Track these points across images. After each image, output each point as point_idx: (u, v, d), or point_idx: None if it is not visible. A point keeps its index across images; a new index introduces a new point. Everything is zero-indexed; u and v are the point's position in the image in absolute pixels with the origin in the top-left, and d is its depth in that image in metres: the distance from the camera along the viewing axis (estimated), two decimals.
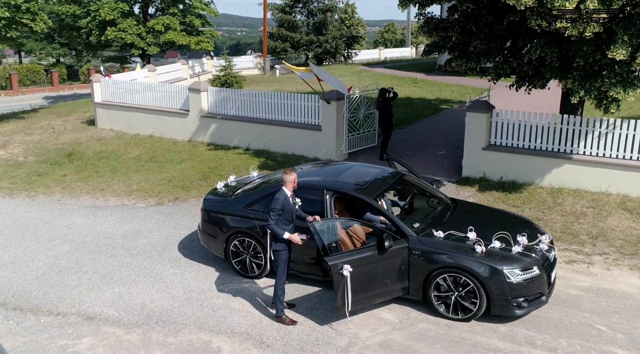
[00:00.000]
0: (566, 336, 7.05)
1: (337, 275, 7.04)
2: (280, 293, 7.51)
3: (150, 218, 11.67)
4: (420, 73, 32.42)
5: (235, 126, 16.41)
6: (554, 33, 10.13)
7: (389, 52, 54.51)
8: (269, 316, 7.77)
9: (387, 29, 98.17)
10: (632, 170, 11.09)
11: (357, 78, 30.34)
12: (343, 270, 7.04)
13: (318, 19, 40.96)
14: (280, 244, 7.32)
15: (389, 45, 74.67)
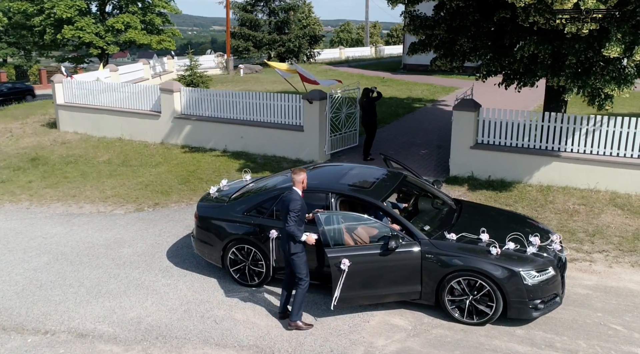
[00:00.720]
0: (584, 337, 6.96)
1: (335, 268, 7.04)
2: (303, 299, 7.22)
3: (131, 225, 11.11)
4: (386, 72, 32.44)
5: (211, 127, 15.90)
6: (546, 30, 10.11)
7: (349, 52, 54.53)
8: (276, 327, 7.42)
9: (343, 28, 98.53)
10: (619, 167, 11.19)
11: (324, 78, 30.07)
12: (341, 264, 6.99)
13: (280, 17, 40.52)
14: (299, 246, 7.06)
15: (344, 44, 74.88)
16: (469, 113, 12.21)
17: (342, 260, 7.06)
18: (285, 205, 6.99)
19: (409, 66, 33.00)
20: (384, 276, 7.30)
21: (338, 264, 7.07)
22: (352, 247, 7.27)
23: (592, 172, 11.37)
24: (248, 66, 35.91)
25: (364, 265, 7.20)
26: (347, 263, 7.05)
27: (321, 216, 7.23)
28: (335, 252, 7.13)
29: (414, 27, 12.01)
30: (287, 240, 7.04)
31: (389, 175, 8.55)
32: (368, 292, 7.34)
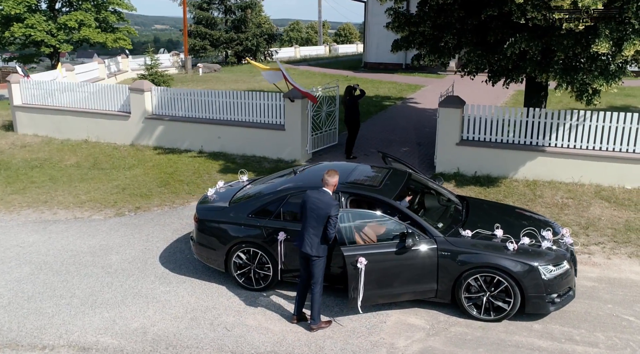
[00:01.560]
0: (601, 330, 7.04)
1: (351, 267, 6.94)
2: (320, 301, 7.09)
3: (114, 231, 10.63)
4: (348, 70, 32.43)
5: (185, 128, 15.44)
6: (535, 27, 10.23)
7: (304, 51, 54.46)
8: (291, 331, 7.20)
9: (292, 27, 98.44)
10: (602, 160, 11.48)
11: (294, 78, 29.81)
12: (358, 263, 6.89)
13: (237, 16, 39.93)
14: (325, 249, 6.94)
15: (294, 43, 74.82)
16: (454, 110, 12.26)
17: (359, 258, 6.95)
18: (319, 207, 6.76)
19: (370, 64, 33.13)
20: (399, 274, 7.21)
21: (354, 263, 6.96)
22: (367, 245, 7.17)
23: (577, 166, 11.61)
24: (207, 65, 35.24)
25: (380, 263, 7.10)
26: (363, 261, 6.95)
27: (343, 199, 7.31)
28: (351, 250, 7.02)
29: (399, 24, 11.96)
30: (311, 243, 6.81)
31: (394, 173, 8.45)
32: (384, 291, 7.24)
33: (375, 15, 32.20)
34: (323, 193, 6.85)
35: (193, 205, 11.72)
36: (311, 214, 6.82)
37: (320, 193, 6.89)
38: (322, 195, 6.86)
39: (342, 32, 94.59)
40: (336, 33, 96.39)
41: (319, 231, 6.81)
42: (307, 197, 6.94)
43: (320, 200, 6.80)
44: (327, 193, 6.85)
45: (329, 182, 6.92)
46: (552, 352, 6.64)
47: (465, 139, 12.46)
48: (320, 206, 6.78)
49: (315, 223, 6.79)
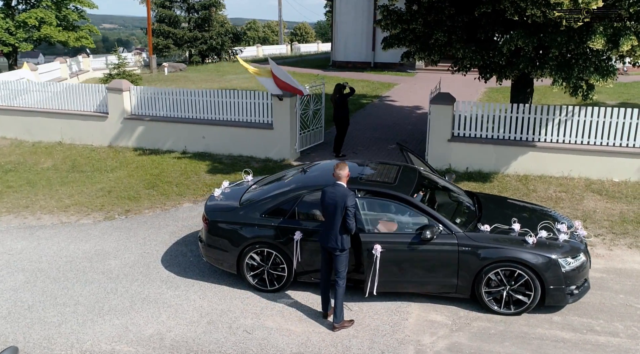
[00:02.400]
0: (618, 319, 7.20)
1: (366, 253, 7.14)
2: (342, 298, 7.04)
3: (107, 235, 10.27)
4: (316, 69, 32.33)
5: (167, 128, 15.08)
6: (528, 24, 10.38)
7: (267, 50, 54.20)
8: (314, 332, 7.09)
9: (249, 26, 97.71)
10: (590, 154, 11.78)
11: None
12: (373, 250, 7.04)
13: (201, 14, 39.33)
14: (348, 241, 6.91)
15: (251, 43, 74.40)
16: (446, 107, 12.36)
17: (375, 245, 7.09)
18: (335, 200, 6.73)
19: (338, 63, 33.13)
20: (418, 267, 7.30)
21: (370, 249, 7.11)
22: (385, 233, 7.33)
23: (566, 160, 11.88)
24: (172, 64, 34.59)
25: (398, 252, 7.21)
26: (379, 248, 7.08)
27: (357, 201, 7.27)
28: (369, 237, 7.18)
29: (390, 22, 11.95)
30: (336, 237, 6.78)
31: (405, 169, 8.44)
32: (401, 282, 7.40)
33: (342, 14, 32.28)
34: (337, 186, 6.84)
35: (186, 207, 11.47)
36: (329, 208, 6.81)
37: (335, 187, 6.88)
38: (337, 188, 6.84)
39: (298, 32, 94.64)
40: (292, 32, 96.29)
41: (339, 224, 6.79)
42: (323, 193, 6.93)
43: (335, 193, 6.79)
44: (341, 185, 6.84)
45: (342, 175, 6.90)
46: (576, 343, 6.74)
47: (456, 135, 12.57)
48: (336, 200, 6.76)
49: (334, 217, 6.76)
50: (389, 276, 7.33)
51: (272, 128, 13.83)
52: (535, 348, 6.66)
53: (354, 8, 31.68)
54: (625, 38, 9.48)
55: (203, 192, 12.15)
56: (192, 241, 9.87)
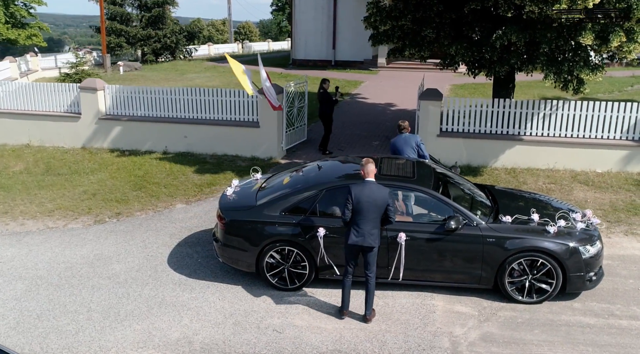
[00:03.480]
0: (635, 304, 7.50)
1: (392, 241, 7.28)
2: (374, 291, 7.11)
3: (103, 239, 9.92)
4: (277, 68, 32.14)
5: (146, 128, 14.66)
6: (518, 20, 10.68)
7: (217, 48, 53.75)
8: (345, 329, 7.06)
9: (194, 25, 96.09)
10: (574, 147, 12.23)
11: (219, 75, 29.21)
12: (398, 238, 7.21)
13: (155, 12, 38.35)
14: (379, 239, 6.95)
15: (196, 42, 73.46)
16: (434, 103, 12.54)
17: (399, 233, 7.20)
18: (374, 199, 6.74)
19: (298, 61, 33.08)
20: (442, 258, 7.42)
21: (395, 237, 7.22)
22: (410, 222, 7.48)
23: (551, 153, 12.28)
24: (126, 63, 33.62)
25: (422, 242, 7.35)
26: (403, 236, 7.20)
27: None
28: (394, 226, 7.23)
29: (380, 18, 12.01)
30: (373, 235, 6.80)
31: (419, 164, 8.53)
32: (426, 272, 7.54)
33: (302, 13, 32.26)
34: (371, 184, 6.84)
35: (179, 208, 11.21)
36: (368, 207, 6.74)
37: (368, 184, 6.86)
38: (372, 186, 6.83)
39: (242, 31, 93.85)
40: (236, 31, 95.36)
41: (378, 222, 6.82)
42: (358, 191, 6.80)
43: (373, 192, 6.77)
44: (373, 182, 6.86)
45: (372, 170, 6.91)
46: (601, 328, 6.98)
47: (444, 130, 12.78)
48: (375, 198, 6.75)
49: (374, 214, 6.76)
50: (414, 264, 7.44)
51: (259, 126, 13.66)
52: (564, 334, 6.86)
53: (314, 7, 31.73)
54: (615, 34, 9.88)
55: (194, 193, 11.90)
56: (195, 242, 9.65)
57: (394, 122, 16.92)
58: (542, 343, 6.69)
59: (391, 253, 7.40)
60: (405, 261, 7.34)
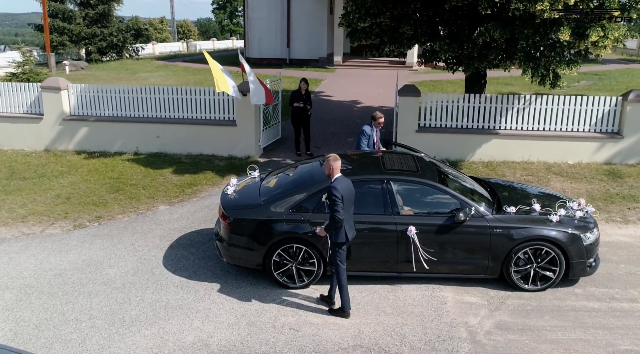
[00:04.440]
0: (631, 287, 7.86)
1: (402, 235, 7.42)
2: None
3: (88, 243, 9.54)
4: (231, 66, 31.65)
5: (115, 128, 14.17)
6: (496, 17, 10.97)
7: (160, 47, 52.76)
8: (362, 324, 7.07)
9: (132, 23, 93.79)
10: (547, 140, 12.67)
11: (173, 74, 28.57)
12: (408, 231, 7.33)
13: (99, 9, 37.04)
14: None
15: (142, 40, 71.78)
16: (413, 99, 12.71)
17: (409, 227, 7.33)
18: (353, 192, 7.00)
19: (252, 60, 32.69)
20: (451, 249, 7.55)
21: (404, 231, 7.34)
22: (418, 215, 7.56)
23: (525, 146, 12.68)
24: (73, 63, 32.37)
25: (431, 235, 7.44)
26: (413, 230, 7.32)
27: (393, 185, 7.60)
28: (403, 219, 7.42)
29: (359, 15, 12.05)
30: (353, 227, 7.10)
31: (418, 159, 8.63)
32: (435, 264, 7.60)
33: (256, 11, 31.99)
34: (346, 179, 6.94)
35: (163, 210, 10.93)
36: (350, 201, 6.89)
37: (345, 180, 6.92)
38: (348, 181, 6.95)
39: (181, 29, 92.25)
40: None
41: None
42: (343, 188, 6.78)
43: (350, 186, 6.92)
44: (345, 177, 6.97)
45: (338, 166, 6.91)
46: (606, 311, 7.27)
47: (422, 126, 12.97)
48: (352, 191, 6.96)
49: (351, 208, 6.96)
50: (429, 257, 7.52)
51: (236, 125, 13.46)
52: (573, 319, 7.10)
53: (267, 5, 31.52)
54: (592, 29, 10.30)
55: (176, 194, 11.61)
56: (188, 244, 9.42)
57: (364, 119, 17.07)
58: (554, 329, 6.90)
59: (400, 247, 7.45)
60: (416, 254, 7.39)
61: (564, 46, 10.89)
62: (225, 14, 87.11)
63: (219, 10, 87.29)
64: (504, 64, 11.44)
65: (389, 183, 7.61)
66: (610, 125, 12.63)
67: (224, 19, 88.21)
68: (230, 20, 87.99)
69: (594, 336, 6.76)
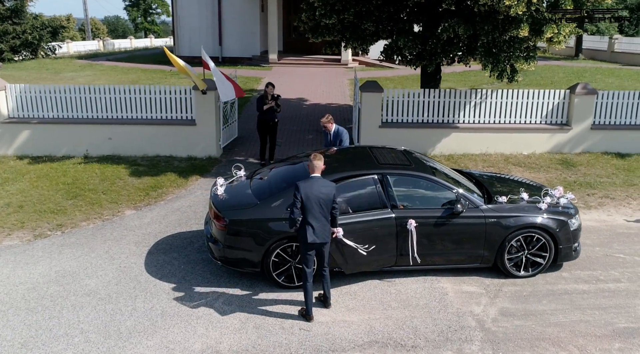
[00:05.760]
0: (611, 268, 8.30)
1: (402, 228, 7.42)
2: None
3: (57, 254, 8.94)
4: (158, 65, 30.72)
5: (62, 130, 13.34)
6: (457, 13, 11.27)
7: (77, 46, 50.51)
8: (372, 319, 7.05)
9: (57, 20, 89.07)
10: (502, 132, 13.18)
11: (101, 73, 27.29)
12: (408, 224, 7.34)
13: (12, 5, 34.70)
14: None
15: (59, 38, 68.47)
16: (376, 95, 12.82)
17: (409, 220, 7.36)
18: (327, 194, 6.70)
19: (183, 58, 31.63)
20: (448, 240, 7.68)
21: (405, 224, 7.35)
22: (417, 208, 7.60)
23: (483, 139, 13.13)
24: None
25: (429, 227, 7.53)
26: (413, 223, 7.36)
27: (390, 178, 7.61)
28: (402, 212, 7.43)
29: (324, 12, 11.99)
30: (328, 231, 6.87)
31: (405, 152, 8.73)
32: (431, 256, 7.72)
33: (185, 8, 31.19)
34: (320, 180, 6.74)
35: (131, 215, 10.43)
36: (319, 203, 6.61)
37: (317, 180, 6.73)
38: (322, 182, 6.73)
39: (84, 28, 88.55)
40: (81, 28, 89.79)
41: (327, 217, 6.73)
42: (306, 188, 6.63)
43: (323, 187, 6.67)
44: (321, 178, 6.78)
45: (320, 166, 6.80)
46: (595, 292, 7.64)
47: (385, 122, 13.11)
48: (327, 193, 6.66)
49: (323, 210, 6.66)
50: (421, 249, 7.58)
51: (195, 124, 13.03)
52: (569, 302, 7.41)
53: (197, 3, 30.81)
54: (548, 26, 10.80)
55: (141, 197, 11.09)
56: (168, 249, 9.03)
57: (316, 116, 17.08)
58: (555, 312, 7.17)
59: (400, 240, 7.48)
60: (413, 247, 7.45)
61: (522, 42, 11.33)
62: (139, 12, 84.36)
63: (132, 8, 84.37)
64: (466, 59, 11.76)
65: (385, 177, 7.61)
66: (559, 117, 13.30)
67: (137, 17, 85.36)
68: (144, 18, 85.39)
69: (592, 316, 7.08)
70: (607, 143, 13.31)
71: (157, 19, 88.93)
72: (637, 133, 13.33)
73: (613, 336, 6.70)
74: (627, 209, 10.59)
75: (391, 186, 7.61)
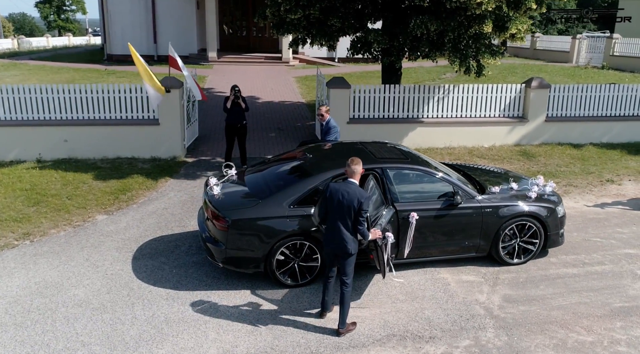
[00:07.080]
0: (591, 251, 8.73)
1: (403, 221, 7.40)
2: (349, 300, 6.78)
3: (32, 265, 8.37)
4: (90, 64, 29.41)
5: (9, 133, 12.49)
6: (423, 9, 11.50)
7: None
8: (384, 313, 7.06)
9: None
10: (464, 125, 13.56)
11: (29, 73, 25.77)
12: (410, 217, 7.36)
13: None
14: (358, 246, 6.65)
15: None
16: (344, 91, 12.85)
17: (411, 213, 7.39)
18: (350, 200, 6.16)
19: (115, 57, 30.65)
20: (446, 231, 7.81)
21: (406, 217, 7.37)
22: (418, 202, 7.67)
23: (446, 133, 13.46)
24: None
25: (431, 219, 7.62)
26: (415, 216, 7.38)
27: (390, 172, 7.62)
28: (403, 205, 7.49)
29: (290, 7, 11.87)
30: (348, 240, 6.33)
31: (395, 146, 8.80)
32: (428, 248, 7.83)
33: (116, 4, 30.03)
34: (351, 185, 6.29)
35: (103, 219, 9.94)
36: (342, 208, 6.19)
37: (347, 184, 6.32)
38: (351, 187, 6.26)
39: None
40: None
41: (350, 226, 6.24)
42: (333, 190, 6.32)
43: (349, 192, 6.18)
44: (355, 184, 6.30)
45: (357, 171, 6.36)
46: (585, 275, 8.01)
47: (353, 118, 13.17)
48: (351, 199, 6.16)
49: (346, 218, 6.22)
50: (419, 242, 7.65)
51: (158, 123, 12.56)
52: (563, 285, 7.73)
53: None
54: (512, 23, 11.21)
55: (110, 202, 10.58)
56: (153, 253, 8.66)
57: (274, 114, 16.97)
58: (554, 296, 7.45)
59: (402, 233, 7.53)
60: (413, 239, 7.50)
61: (486, 37, 11.69)
62: (52, 9, 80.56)
63: (44, 5, 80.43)
64: (433, 55, 11.99)
65: (385, 172, 7.63)
66: (516, 110, 13.85)
67: (50, 15, 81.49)
68: (57, 16, 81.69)
69: (589, 298, 7.42)
70: (561, 134, 14.00)
71: (71, 17, 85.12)
72: (587, 124, 14.09)
73: (612, 315, 7.03)
74: (591, 196, 11.17)
75: (391, 180, 7.63)
